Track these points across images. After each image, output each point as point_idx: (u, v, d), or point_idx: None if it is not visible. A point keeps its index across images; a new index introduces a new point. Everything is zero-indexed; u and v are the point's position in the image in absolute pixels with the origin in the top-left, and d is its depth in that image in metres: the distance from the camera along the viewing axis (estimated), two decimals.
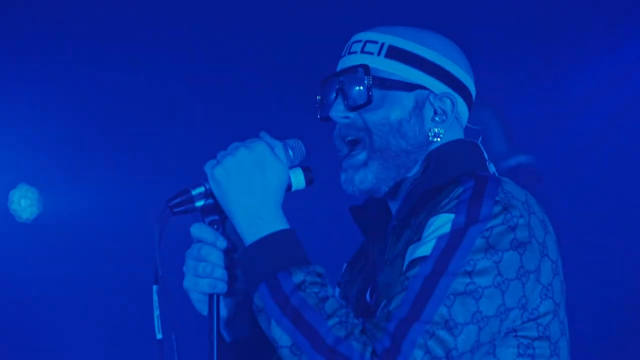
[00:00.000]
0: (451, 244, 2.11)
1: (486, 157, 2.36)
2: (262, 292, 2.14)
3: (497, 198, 2.15)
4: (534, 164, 5.06)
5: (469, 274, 2.09)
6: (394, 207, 2.35)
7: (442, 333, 2.06)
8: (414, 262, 2.13)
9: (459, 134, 2.37)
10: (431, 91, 2.32)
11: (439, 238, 2.13)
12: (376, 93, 2.30)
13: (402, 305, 2.09)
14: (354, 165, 2.32)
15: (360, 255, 2.47)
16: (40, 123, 5.15)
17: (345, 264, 2.52)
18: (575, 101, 5.21)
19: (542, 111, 5.22)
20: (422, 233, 2.17)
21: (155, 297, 2.22)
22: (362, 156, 2.32)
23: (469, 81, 2.37)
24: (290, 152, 2.28)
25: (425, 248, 2.13)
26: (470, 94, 2.38)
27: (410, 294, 2.09)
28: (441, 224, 2.14)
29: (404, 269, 2.15)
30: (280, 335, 2.11)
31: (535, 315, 2.17)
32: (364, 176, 2.31)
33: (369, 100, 2.30)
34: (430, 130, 2.32)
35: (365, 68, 2.30)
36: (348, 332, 2.08)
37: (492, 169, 2.35)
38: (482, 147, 2.37)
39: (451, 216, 2.14)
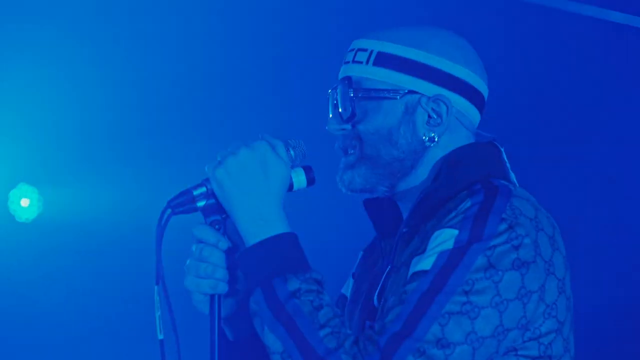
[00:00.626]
0: (451, 261, 2.09)
1: (505, 158, 2.31)
2: (258, 297, 2.14)
3: (504, 215, 2.12)
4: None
5: (466, 293, 2.07)
6: (403, 207, 2.34)
7: (434, 352, 2.04)
8: (415, 276, 2.12)
9: (464, 137, 2.31)
10: (423, 94, 2.27)
11: (440, 254, 2.10)
12: (362, 104, 2.27)
13: (397, 319, 2.08)
14: (345, 165, 2.32)
15: (374, 246, 2.46)
16: (40, 123, 5.15)
17: (361, 252, 2.51)
18: (574, 101, 5.21)
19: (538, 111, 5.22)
20: (427, 244, 2.15)
21: (156, 298, 2.22)
22: (351, 158, 2.31)
23: (474, 79, 2.31)
24: (292, 152, 2.28)
25: (426, 262, 2.11)
26: (477, 93, 2.31)
27: (406, 309, 2.08)
28: (444, 239, 2.12)
29: (407, 277, 2.14)
30: (273, 341, 2.11)
31: (537, 335, 2.15)
32: (351, 177, 2.30)
33: (353, 113, 2.27)
34: (424, 135, 2.28)
35: (349, 80, 2.28)
36: (339, 343, 2.08)
37: (511, 175, 2.30)
38: (501, 148, 2.32)
39: (455, 232, 2.11)
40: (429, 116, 2.27)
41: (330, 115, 2.33)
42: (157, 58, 5.17)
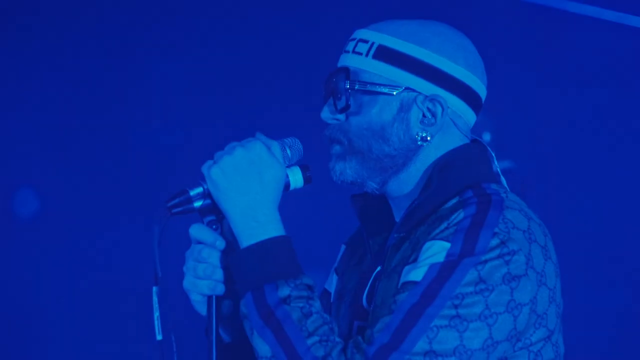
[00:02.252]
0: (442, 274, 2.09)
1: (495, 163, 2.30)
2: (248, 301, 2.15)
3: (496, 229, 2.12)
4: (519, 172, 5.00)
5: (455, 307, 2.07)
6: (394, 205, 2.33)
7: None
8: (405, 286, 2.12)
9: (457, 138, 2.29)
10: (420, 93, 2.25)
11: (431, 266, 2.11)
12: (357, 97, 2.26)
13: (386, 330, 2.08)
14: (336, 156, 2.30)
15: (359, 241, 2.44)
16: (40, 123, 5.15)
17: (343, 246, 2.50)
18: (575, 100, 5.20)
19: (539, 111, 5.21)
20: (418, 253, 2.15)
21: (154, 298, 2.22)
22: (339, 149, 2.29)
23: (473, 81, 2.28)
24: (288, 151, 2.27)
25: (417, 273, 2.12)
26: (474, 95, 2.29)
27: (395, 319, 2.09)
28: (436, 251, 2.12)
29: (398, 286, 2.15)
30: (261, 345, 2.13)
31: (528, 344, 2.15)
32: (342, 168, 2.28)
33: (347, 105, 2.25)
34: (417, 134, 2.25)
35: (346, 71, 2.26)
36: (327, 352, 2.09)
37: (502, 178, 2.30)
38: (490, 150, 2.31)
39: (447, 245, 2.12)
40: (424, 115, 2.25)
41: (325, 103, 2.31)
42: (156, 58, 5.17)
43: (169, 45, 5.17)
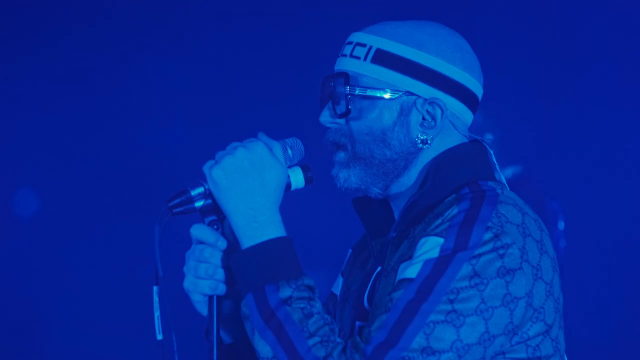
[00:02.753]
0: (436, 270, 2.10)
1: (494, 160, 2.31)
2: (249, 302, 2.16)
3: (490, 224, 2.13)
4: (529, 177, 4.99)
5: (451, 301, 2.08)
6: (395, 208, 2.34)
7: None
8: (401, 283, 2.13)
9: (456, 139, 2.29)
10: (419, 96, 2.25)
11: (426, 262, 2.12)
12: (357, 102, 2.26)
13: (382, 328, 2.09)
14: (339, 162, 2.30)
15: (364, 244, 2.45)
16: (40, 123, 5.15)
17: (350, 250, 2.51)
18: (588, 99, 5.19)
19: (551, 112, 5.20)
20: (415, 251, 2.16)
21: (155, 298, 2.22)
22: (343, 155, 2.29)
23: (470, 81, 2.29)
24: (290, 151, 2.28)
25: (412, 270, 2.13)
26: (472, 95, 2.30)
27: (391, 317, 2.10)
28: (430, 247, 2.13)
29: (395, 283, 2.15)
30: (262, 346, 2.13)
31: (525, 338, 2.16)
32: (347, 176, 2.29)
33: (347, 110, 2.26)
34: (417, 137, 2.26)
35: (346, 76, 2.26)
36: (327, 352, 2.10)
37: (500, 176, 2.30)
38: (489, 148, 2.31)
39: (440, 240, 2.13)
40: (423, 118, 2.26)
41: (323, 107, 2.31)
42: (155, 59, 5.17)
43: (169, 45, 5.17)
